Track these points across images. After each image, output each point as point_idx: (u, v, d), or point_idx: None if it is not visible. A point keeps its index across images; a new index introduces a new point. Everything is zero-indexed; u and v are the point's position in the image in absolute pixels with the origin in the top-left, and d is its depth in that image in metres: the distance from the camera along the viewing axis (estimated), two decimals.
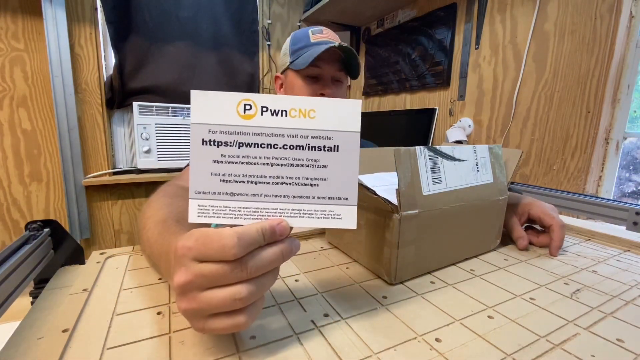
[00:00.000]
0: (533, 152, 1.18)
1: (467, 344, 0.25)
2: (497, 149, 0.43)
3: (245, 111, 0.24)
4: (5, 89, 1.43)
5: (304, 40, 0.73)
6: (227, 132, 0.24)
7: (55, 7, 1.41)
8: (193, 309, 0.22)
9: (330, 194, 0.25)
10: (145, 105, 1.66)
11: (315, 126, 0.24)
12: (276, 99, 0.24)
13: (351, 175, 0.25)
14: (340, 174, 0.25)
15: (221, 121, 0.24)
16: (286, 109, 0.24)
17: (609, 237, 0.48)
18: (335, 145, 0.24)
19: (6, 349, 0.24)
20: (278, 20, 2.02)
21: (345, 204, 0.25)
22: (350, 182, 0.25)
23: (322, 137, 0.24)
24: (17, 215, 1.52)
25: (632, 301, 0.32)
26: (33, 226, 0.37)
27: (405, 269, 0.35)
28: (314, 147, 0.24)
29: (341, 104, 0.24)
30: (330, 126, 0.24)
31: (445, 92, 1.52)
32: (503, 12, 1.26)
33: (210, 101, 0.24)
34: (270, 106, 0.24)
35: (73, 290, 0.32)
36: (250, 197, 0.24)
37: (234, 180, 0.24)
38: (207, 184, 0.24)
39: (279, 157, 0.24)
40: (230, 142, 0.24)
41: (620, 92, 0.99)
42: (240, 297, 0.21)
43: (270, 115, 0.24)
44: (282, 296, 0.32)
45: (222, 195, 0.24)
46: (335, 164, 0.24)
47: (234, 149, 0.24)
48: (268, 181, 0.24)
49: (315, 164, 0.24)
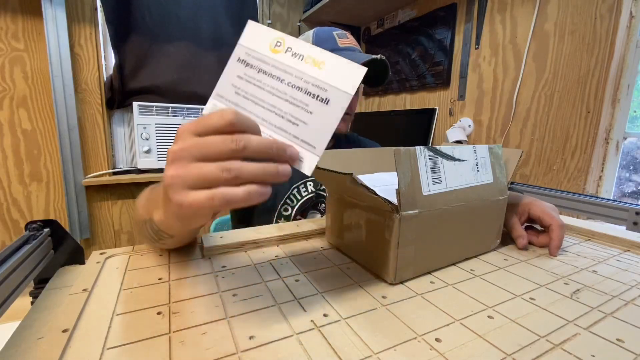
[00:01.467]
0: (533, 152, 1.18)
1: (467, 344, 0.25)
2: (497, 149, 0.43)
3: (275, 46, 0.29)
4: (5, 89, 1.43)
5: (330, 42, 0.71)
6: (256, 58, 0.29)
7: (55, 7, 1.41)
8: (179, 176, 0.23)
9: (304, 137, 0.27)
10: (145, 105, 1.66)
11: (319, 76, 0.27)
12: (300, 45, 0.28)
13: (327, 129, 0.27)
14: (319, 124, 0.27)
15: (256, 48, 0.29)
16: (304, 54, 0.28)
17: (609, 237, 0.48)
18: (327, 98, 0.27)
19: (6, 349, 0.24)
20: (278, 20, 2.02)
21: (311, 151, 0.27)
22: (324, 134, 0.27)
23: (319, 87, 0.27)
24: (17, 215, 1.52)
25: (632, 301, 0.32)
26: (33, 226, 0.37)
27: (405, 269, 0.35)
28: (309, 93, 0.27)
29: (348, 67, 0.27)
30: (331, 81, 0.27)
31: (445, 92, 1.52)
32: (503, 12, 1.26)
33: (257, 32, 0.30)
34: (293, 48, 0.28)
35: (73, 290, 0.32)
36: (247, 112, 0.29)
37: (243, 95, 0.29)
38: (225, 90, 0.29)
39: (280, 90, 0.28)
40: (254, 66, 0.29)
41: (620, 92, 0.99)
42: (229, 168, 0.22)
43: (291, 56, 0.28)
44: (282, 296, 0.32)
45: (230, 103, 0.29)
46: (320, 114, 0.27)
47: (254, 72, 0.29)
48: (264, 105, 0.28)
49: (305, 108, 0.27)
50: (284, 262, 0.39)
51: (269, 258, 0.41)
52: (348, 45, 0.72)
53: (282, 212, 0.72)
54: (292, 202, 0.72)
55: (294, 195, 0.73)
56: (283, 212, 0.72)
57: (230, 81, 0.29)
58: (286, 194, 0.72)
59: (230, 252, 0.42)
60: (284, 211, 0.72)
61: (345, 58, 0.28)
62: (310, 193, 0.74)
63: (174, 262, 0.39)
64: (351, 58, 0.78)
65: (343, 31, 0.74)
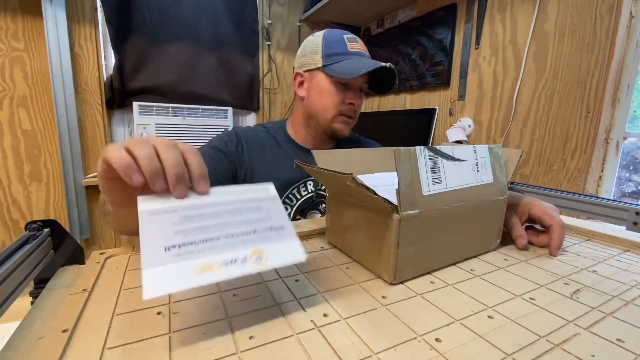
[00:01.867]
0: (533, 152, 1.18)
1: (467, 344, 0.25)
2: (497, 149, 0.43)
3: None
4: (5, 89, 1.43)
5: (340, 47, 0.71)
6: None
7: (55, 7, 1.41)
8: (118, 144, 0.29)
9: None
10: (145, 105, 1.66)
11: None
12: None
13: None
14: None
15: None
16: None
17: (609, 237, 0.48)
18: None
19: (6, 349, 0.24)
20: (278, 20, 2.02)
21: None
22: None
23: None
24: (17, 215, 1.52)
25: (632, 301, 0.32)
26: (33, 226, 0.37)
27: (405, 269, 0.35)
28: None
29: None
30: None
31: (445, 92, 1.52)
32: (503, 12, 1.26)
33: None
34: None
35: (73, 290, 0.32)
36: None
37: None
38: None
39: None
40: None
41: (620, 92, 0.99)
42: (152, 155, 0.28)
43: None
44: (282, 296, 0.32)
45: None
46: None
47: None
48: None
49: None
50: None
51: None
52: (357, 50, 0.72)
53: None
54: (292, 202, 0.72)
55: (293, 194, 0.73)
56: None
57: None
58: (285, 195, 0.72)
59: None
60: None
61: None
62: (310, 193, 0.74)
63: None
64: (360, 62, 0.79)
65: (354, 35, 0.74)
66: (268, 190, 0.31)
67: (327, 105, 0.72)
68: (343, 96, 0.72)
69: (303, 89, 0.76)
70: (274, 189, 0.32)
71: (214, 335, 0.26)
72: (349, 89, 0.72)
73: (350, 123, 0.76)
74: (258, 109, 2.04)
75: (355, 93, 0.73)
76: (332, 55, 0.71)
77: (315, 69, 0.73)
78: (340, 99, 0.72)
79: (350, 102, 0.72)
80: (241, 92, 1.94)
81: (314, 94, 0.74)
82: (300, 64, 0.76)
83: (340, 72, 0.69)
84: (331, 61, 0.71)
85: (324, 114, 0.73)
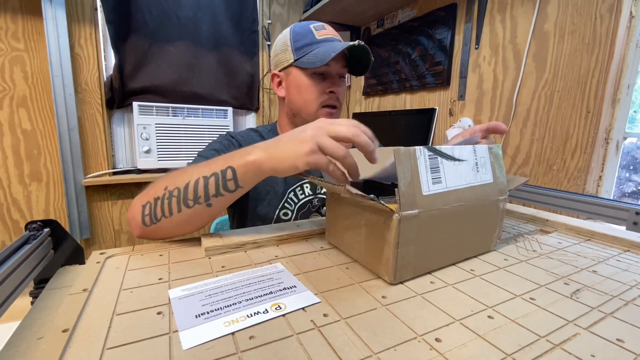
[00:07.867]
0: (533, 152, 1.18)
1: (467, 344, 0.25)
2: (496, 149, 0.43)
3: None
4: (5, 89, 1.43)
5: (308, 37, 0.70)
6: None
7: (55, 7, 1.41)
8: (321, 127, 0.40)
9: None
10: (145, 105, 1.66)
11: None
12: None
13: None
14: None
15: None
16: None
17: (609, 237, 0.48)
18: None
19: (6, 349, 0.24)
20: (278, 20, 2.02)
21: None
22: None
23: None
24: (17, 215, 1.52)
25: (632, 301, 0.32)
26: (33, 226, 0.37)
27: (405, 269, 0.35)
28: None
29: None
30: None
31: (445, 92, 1.52)
32: (503, 12, 1.26)
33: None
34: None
35: (73, 290, 0.32)
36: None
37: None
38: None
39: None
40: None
41: (620, 92, 0.99)
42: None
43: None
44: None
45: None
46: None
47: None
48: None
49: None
50: (284, 262, 0.39)
51: (269, 258, 0.41)
52: (326, 36, 0.71)
53: (282, 216, 0.71)
54: (291, 206, 0.72)
55: (291, 199, 0.72)
56: (282, 217, 0.71)
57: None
58: (284, 199, 0.71)
59: (230, 252, 0.42)
60: (283, 215, 0.71)
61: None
62: (308, 196, 0.73)
63: (174, 262, 0.39)
64: (329, 47, 0.79)
65: (321, 23, 0.73)
66: (276, 267, 0.38)
67: (308, 100, 0.71)
68: (322, 87, 0.70)
69: (282, 88, 0.75)
70: (281, 265, 0.38)
71: (214, 335, 0.26)
72: (327, 78, 0.71)
73: (336, 113, 0.74)
74: (258, 109, 2.04)
75: (333, 80, 0.71)
76: (302, 47, 0.69)
77: (288, 66, 0.72)
78: (320, 90, 0.70)
79: (331, 90, 0.70)
80: (241, 92, 1.94)
81: (293, 91, 0.72)
82: (275, 64, 0.75)
83: (311, 62, 0.67)
84: (302, 54, 0.69)
85: (306, 109, 0.71)
